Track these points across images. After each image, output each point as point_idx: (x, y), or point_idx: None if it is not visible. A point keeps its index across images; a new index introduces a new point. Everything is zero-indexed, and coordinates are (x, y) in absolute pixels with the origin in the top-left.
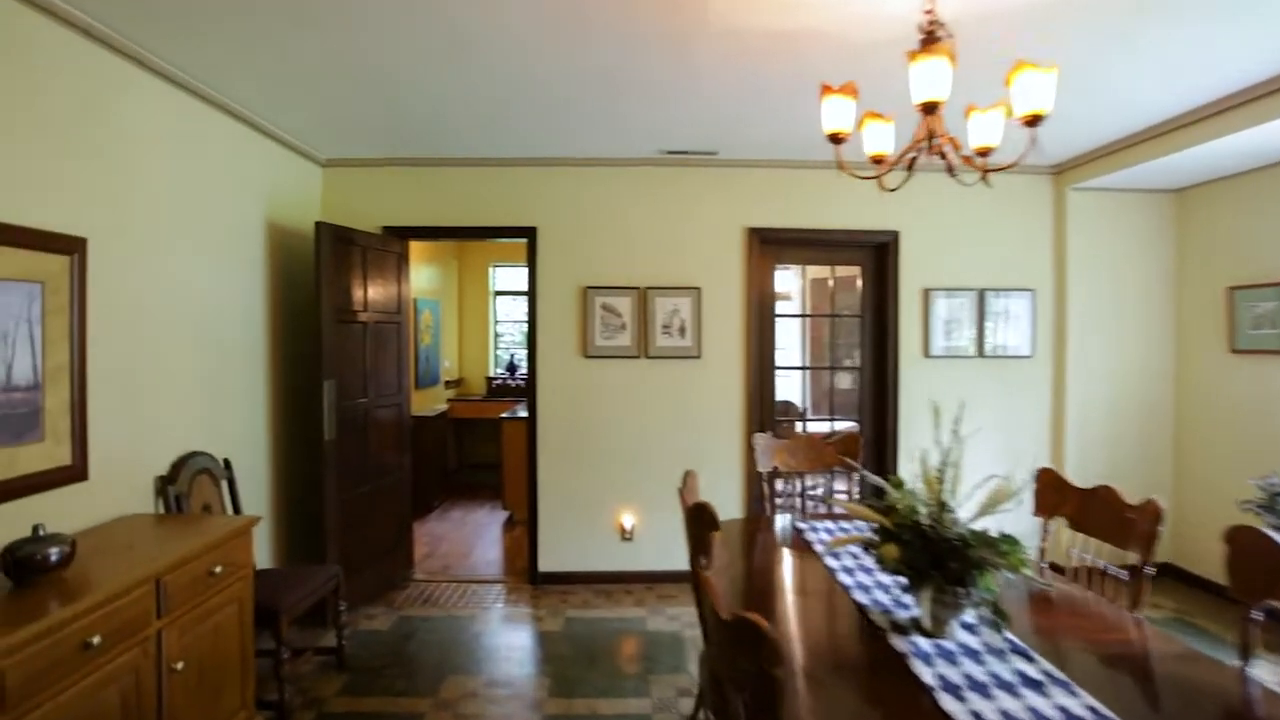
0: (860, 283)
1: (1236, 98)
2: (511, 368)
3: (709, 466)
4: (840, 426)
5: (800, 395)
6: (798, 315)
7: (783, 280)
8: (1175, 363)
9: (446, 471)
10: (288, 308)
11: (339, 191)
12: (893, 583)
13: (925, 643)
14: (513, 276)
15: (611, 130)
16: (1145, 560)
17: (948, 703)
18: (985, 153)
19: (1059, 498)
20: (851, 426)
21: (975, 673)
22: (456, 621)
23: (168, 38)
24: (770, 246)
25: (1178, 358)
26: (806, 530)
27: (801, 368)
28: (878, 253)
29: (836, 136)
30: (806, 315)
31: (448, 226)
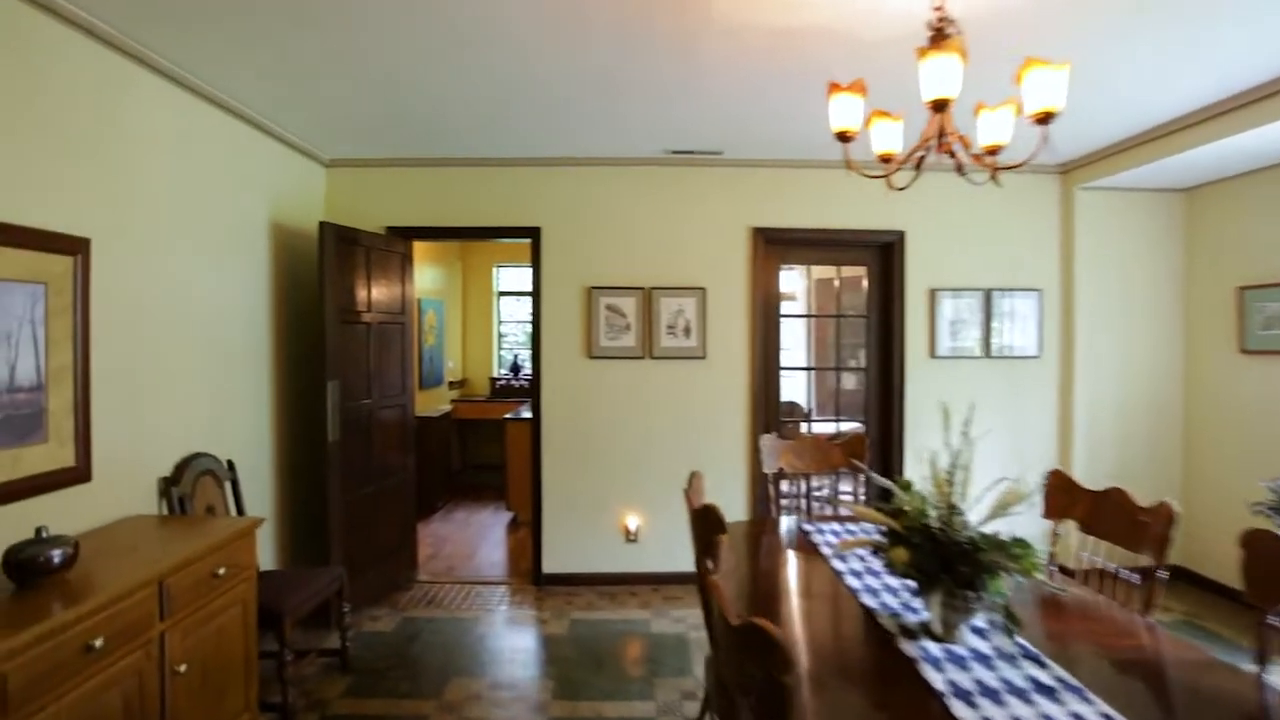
0: (866, 283)
1: (1246, 96)
2: (515, 368)
3: (713, 467)
4: (845, 427)
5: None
6: (803, 315)
7: (787, 280)
8: (1184, 363)
9: (450, 472)
10: (292, 308)
11: (343, 191)
12: (901, 586)
13: (935, 647)
14: (516, 277)
15: (616, 130)
16: (1158, 564)
17: (959, 709)
18: (994, 151)
19: (1069, 500)
20: (857, 427)
21: (987, 678)
22: (460, 623)
23: (171, 37)
24: (775, 246)
25: (1186, 358)
26: (813, 532)
27: (806, 368)
28: (883, 253)
29: (844, 135)
30: (811, 315)
31: (452, 227)
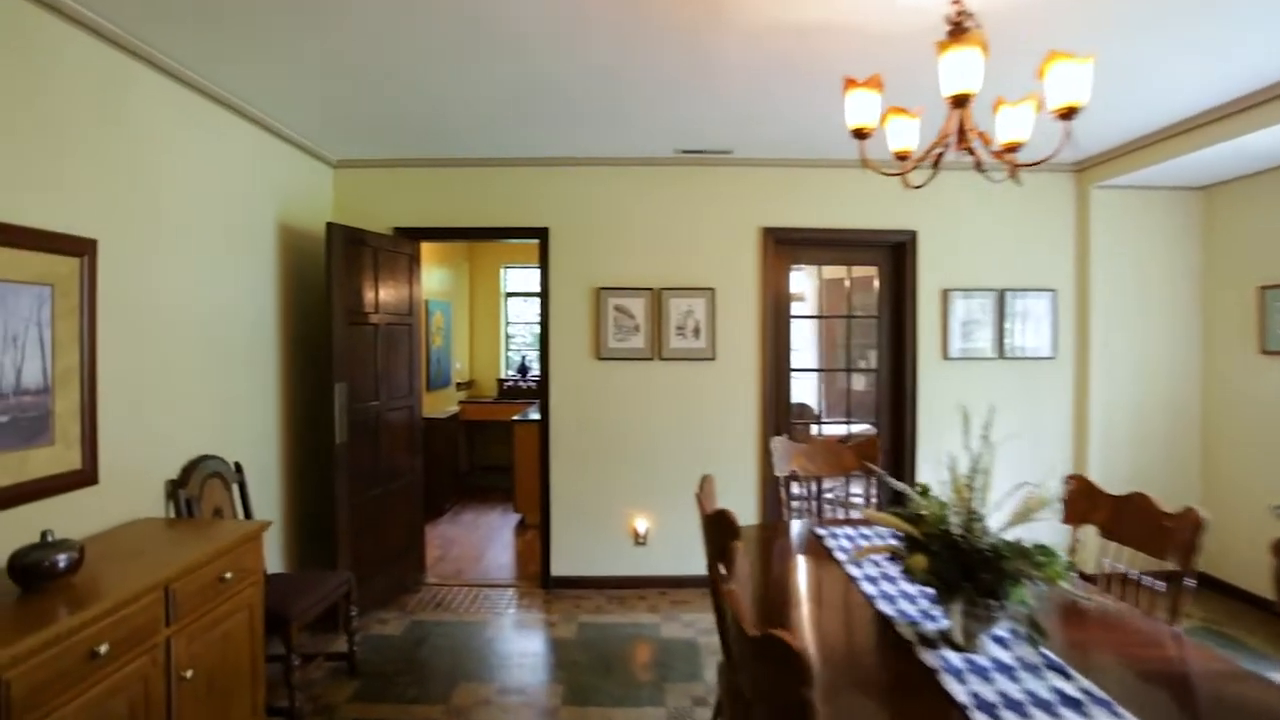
0: (877, 283)
1: (1266, 93)
2: (523, 369)
3: (723, 469)
4: (856, 429)
5: (815, 397)
6: (813, 316)
7: (795, 281)
8: (1202, 364)
9: (458, 474)
10: (299, 309)
11: (350, 192)
12: (918, 593)
13: (956, 657)
14: (524, 278)
15: (624, 129)
16: (1185, 571)
17: None
18: (1014, 148)
19: (1089, 505)
20: (868, 429)
21: (1010, 690)
22: (469, 627)
23: (176, 35)
24: (786, 247)
25: (1205, 359)
26: (826, 537)
27: (817, 370)
28: (895, 252)
29: (861, 131)
30: (822, 316)
31: (459, 227)
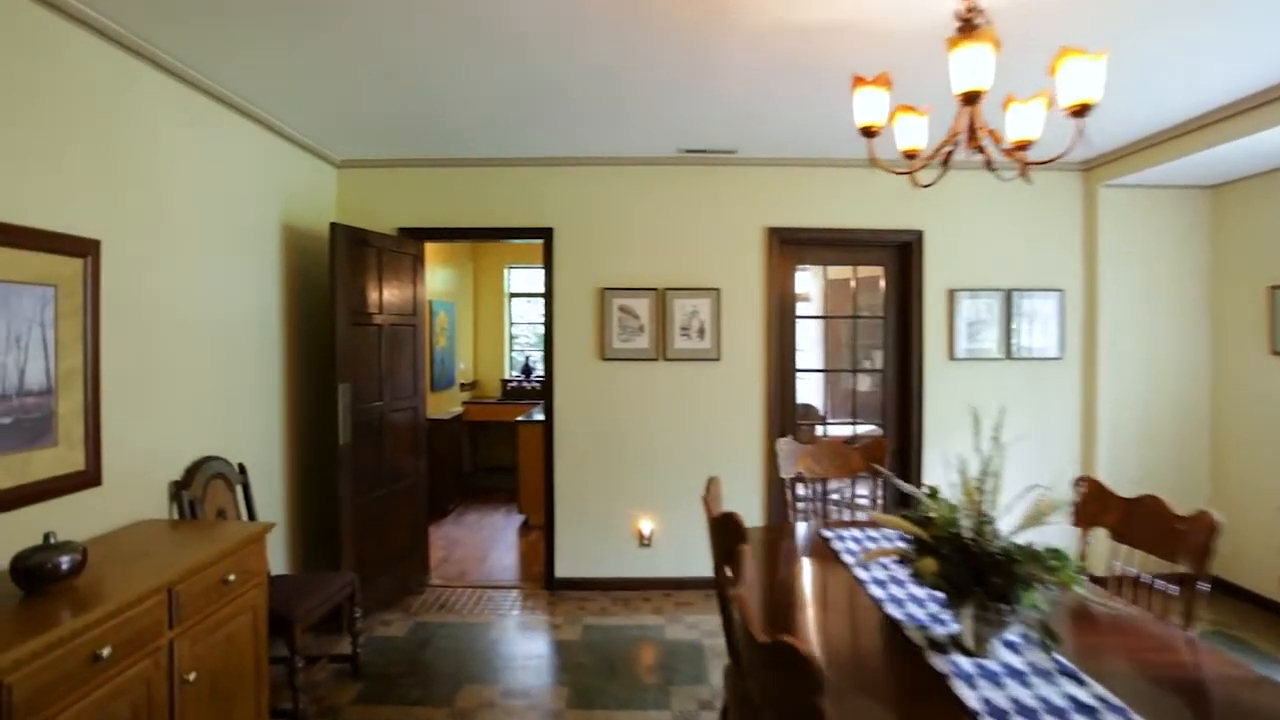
0: (883, 283)
1: (1277, 90)
2: (527, 370)
3: (729, 471)
4: (861, 430)
5: (820, 398)
6: (819, 316)
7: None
8: (1211, 364)
9: (461, 474)
10: (302, 310)
11: (354, 192)
12: (927, 596)
13: (966, 662)
14: (528, 278)
15: (625, 130)
16: (1199, 575)
17: None
18: (1024, 146)
19: (1100, 507)
20: (874, 430)
21: (1022, 696)
22: (473, 628)
23: (179, 35)
24: (791, 247)
25: (1214, 358)
26: (832, 539)
27: (822, 370)
28: (901, 252)
29: (869, 130)
30: (828, 316)
31: (464, 228)
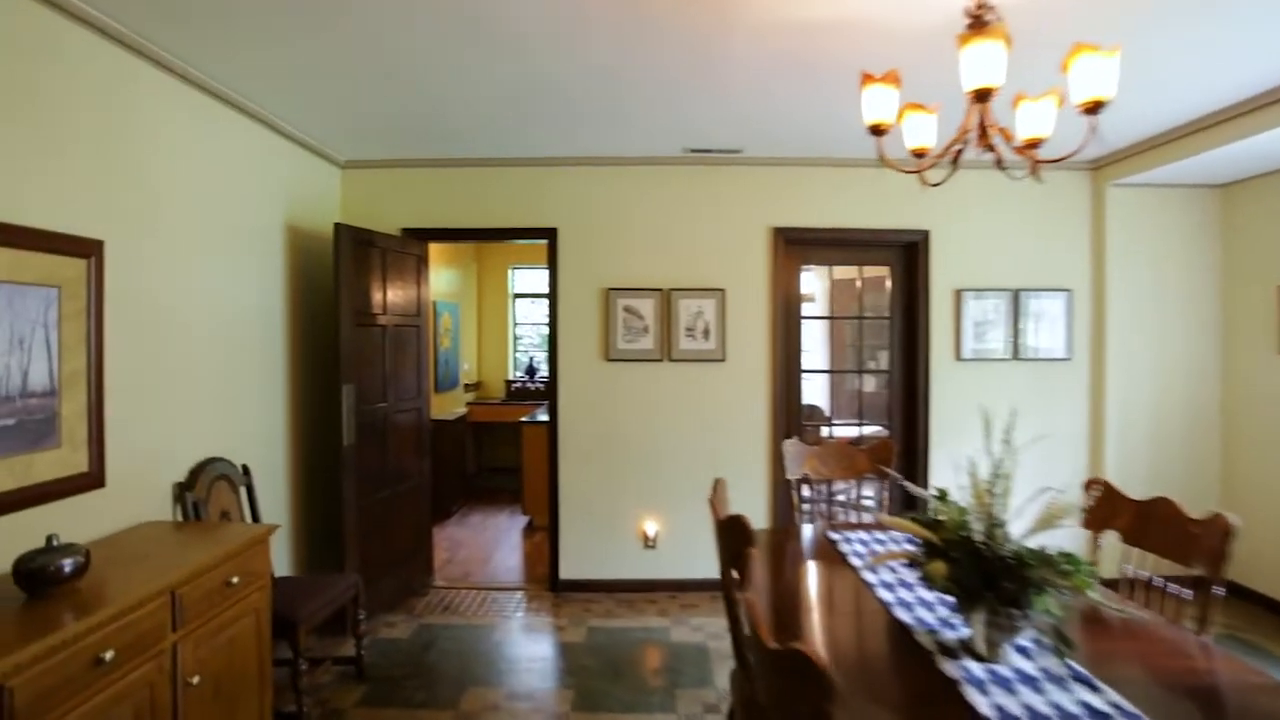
0: (889, 283)
1: None
2: (531, 371)
3: (734, 472)
4: (867, 431)
5: (826, 399)
6: (825, 317)
7: (806, 281)
8: (1221, 364)
9: (465, 475)
10: (306, 311)
11: (358, 193)
12: (937, 600)
13: (978, 668)
14: (532, 279)
15: (626, 130)
16: (1214, 579)
17: None
18: (1035, 144)
19: (1111, 510)
20: (879, 431)
21: (1036, 703)
22: (477, 630)
23: (182, 35)
24: (796, 247)
25: (1224, 358)
26: (840, 541)
27: (828, 371)
28: (907, 252)
29: (878, 128)
30: (833, 317)
31: (468, 228)
